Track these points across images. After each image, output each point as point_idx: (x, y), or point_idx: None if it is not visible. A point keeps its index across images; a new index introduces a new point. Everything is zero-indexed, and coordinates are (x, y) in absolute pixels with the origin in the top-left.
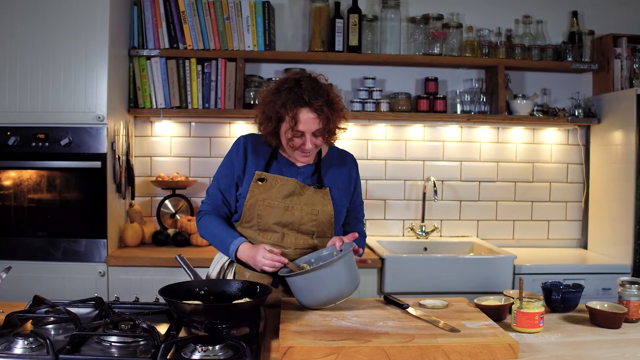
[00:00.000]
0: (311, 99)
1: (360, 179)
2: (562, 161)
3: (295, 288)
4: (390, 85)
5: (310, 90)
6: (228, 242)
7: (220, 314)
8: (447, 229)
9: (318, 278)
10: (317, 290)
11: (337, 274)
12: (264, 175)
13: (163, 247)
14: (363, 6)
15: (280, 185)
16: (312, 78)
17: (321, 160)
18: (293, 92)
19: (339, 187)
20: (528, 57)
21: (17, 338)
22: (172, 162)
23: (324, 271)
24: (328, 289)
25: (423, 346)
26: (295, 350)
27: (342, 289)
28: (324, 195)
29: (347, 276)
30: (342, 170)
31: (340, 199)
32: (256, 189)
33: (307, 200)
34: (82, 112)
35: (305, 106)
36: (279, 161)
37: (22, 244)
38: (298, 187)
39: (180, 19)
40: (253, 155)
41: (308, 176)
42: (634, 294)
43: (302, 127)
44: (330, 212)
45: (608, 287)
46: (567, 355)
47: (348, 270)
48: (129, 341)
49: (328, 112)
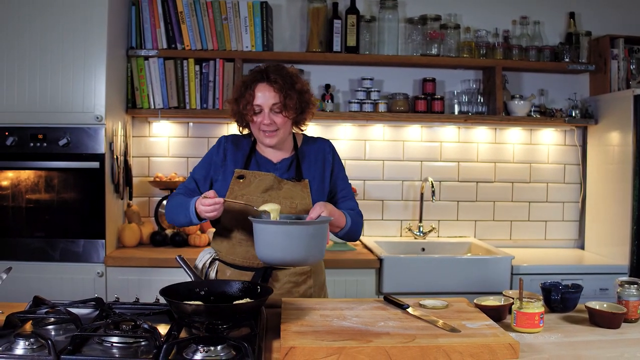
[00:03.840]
0: (269, 74)
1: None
2: (559, 162)
3: (263, 238)
4: (388, 85)
5: (272, 69)
6: (188, 202)
7: (221, 314)
8: (444, 230)
9: (289, 234)
10: (282, 246)
11: (309, 237)
12: (242, 172)
13: (161, 248)
14: (361, 7)
15: (258, 180)
16: (281, 65)
17: (298, 152)
18: (257, 73)
19: (316, 177)
20: (525, 58)
21: (18, 339)
22: (170, 163)
23: (298, 229)
24: (295, 248)
25: (424, 346)
26: (297, 351)
27: (307, 254)
28: (302, 188)
29: (316, 243)
30: (317, 158)
31: (319, 189)
32: (236, 186)
33: (286, 194)
34: (80, 113)
35: (262, 81)
36: (257, 158)
37: (20, 245)
38: (276, 181)
39: (178, 19)
40: (232, 155)
41: (284, 170)
42: (633, 294)
43: (258, 101)
44: (309, 205)
45: (605, 288)
46: (567, 355)
47: (319, 238)
48: (130, 342)
49: (285, 85)
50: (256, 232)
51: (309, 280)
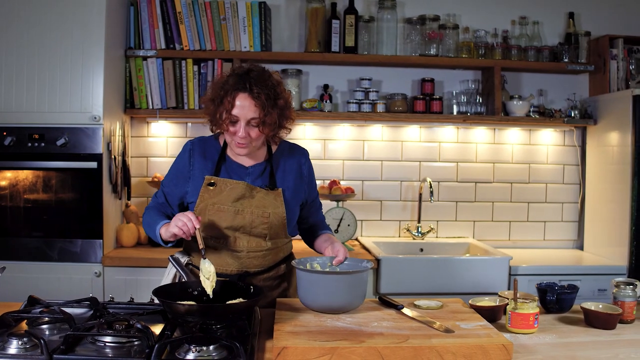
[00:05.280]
0: (252, 86)
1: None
2: (558, 162)
3: (310, 286)
4: (386, 86)
5: (255, 78)
6: (155, 226)
7: (214, 314)
8: (443, 230)
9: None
10: (330, 294)
11: (358, 284)
12: (213, 180)
13: (159, 248)
14: (359, 7)
15: (230, 189)
16: (265, 71)
17: (272, 158)
18: (239, 77)
19: (290, 185)
20: (524, 58)
21: (12, 338)
22: (168, 163)
23: (349, 277)
24: (342, 296)
25: (417, 347)
26: (290, 351)
27: (352, 300)
28: (276, 197)
29: (362, 290)
30: (292, 167)
31: (293, 198)
32: (206, 194)
33: (258, 202)
34: (78, 113)
35: (244, 91)
36: (227, 164)
37: (18, 244)
38: (248, 189)
39: (177, 20)
40: (200, 160)
41: (257, 176)
42: (629, 295)
43: (237, 112)
44: (282, 214)
45: (604, 288)
46: (561, 356)
47: (363, 285)
48: (123, 341)
49: (266, 102)
50: (299, 279)
51: (284, 283)
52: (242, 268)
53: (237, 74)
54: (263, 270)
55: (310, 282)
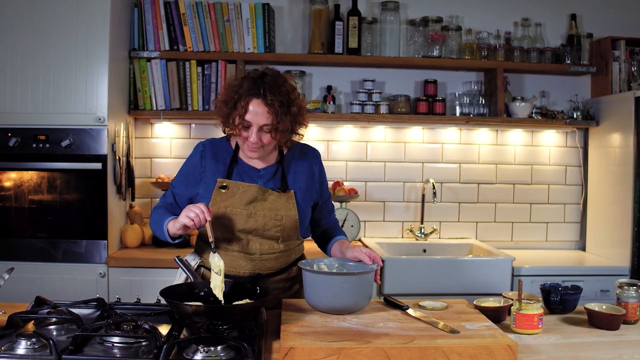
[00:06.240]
0: (266, 92)
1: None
2: (560, 163)
3: (316, 287)
4: (389, 87)
5: (270, 84)
6: (162, 222)
7: (221, 315)
8: (446, 231)
9: (346, 283)
10: (336, 294)
11: (364, 285)
12: (225, 183)
13: (163, 249)
14: (362, 8)
15: (242, 192)
16: (280, 76)
17: (283, 160)
18: (253, 82)
19: (302, 187)
20: (527, 60)
21: (20, 339)
22: (172, 164)
23: (355, 278)
24: (348, 297)
25: (423, 347)
26: (297, 351)
27: (358, 301)
28: (288, 200)
29: (368, 291)
30: (304, 168)
31: (304, 200)
32: (218, 197)
33: (270, 205)
34: (82, 114)
35: (258, 97)
36: (239, 166)
37: (22, 245)
38: (260, 192)
39: (181, 21)
40: (212, 162)
41: (269, 178)
42: (632, 296)
43: (249, 117)
44: (294, 216)
45: (606, 289)
46: (565, 356)
47: (369, 286)
48: (131, 342)
49: (280, 110)
50: (305, 280)
51: (295, 285)
52: (255, 270)
53: (251, 77)
54: (275, 272)
55: (317, 283)
